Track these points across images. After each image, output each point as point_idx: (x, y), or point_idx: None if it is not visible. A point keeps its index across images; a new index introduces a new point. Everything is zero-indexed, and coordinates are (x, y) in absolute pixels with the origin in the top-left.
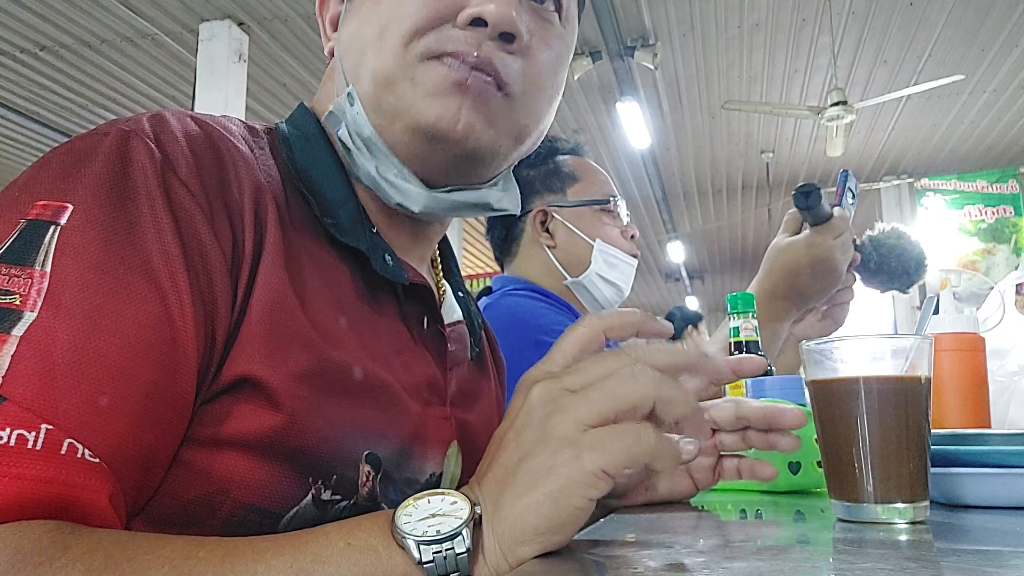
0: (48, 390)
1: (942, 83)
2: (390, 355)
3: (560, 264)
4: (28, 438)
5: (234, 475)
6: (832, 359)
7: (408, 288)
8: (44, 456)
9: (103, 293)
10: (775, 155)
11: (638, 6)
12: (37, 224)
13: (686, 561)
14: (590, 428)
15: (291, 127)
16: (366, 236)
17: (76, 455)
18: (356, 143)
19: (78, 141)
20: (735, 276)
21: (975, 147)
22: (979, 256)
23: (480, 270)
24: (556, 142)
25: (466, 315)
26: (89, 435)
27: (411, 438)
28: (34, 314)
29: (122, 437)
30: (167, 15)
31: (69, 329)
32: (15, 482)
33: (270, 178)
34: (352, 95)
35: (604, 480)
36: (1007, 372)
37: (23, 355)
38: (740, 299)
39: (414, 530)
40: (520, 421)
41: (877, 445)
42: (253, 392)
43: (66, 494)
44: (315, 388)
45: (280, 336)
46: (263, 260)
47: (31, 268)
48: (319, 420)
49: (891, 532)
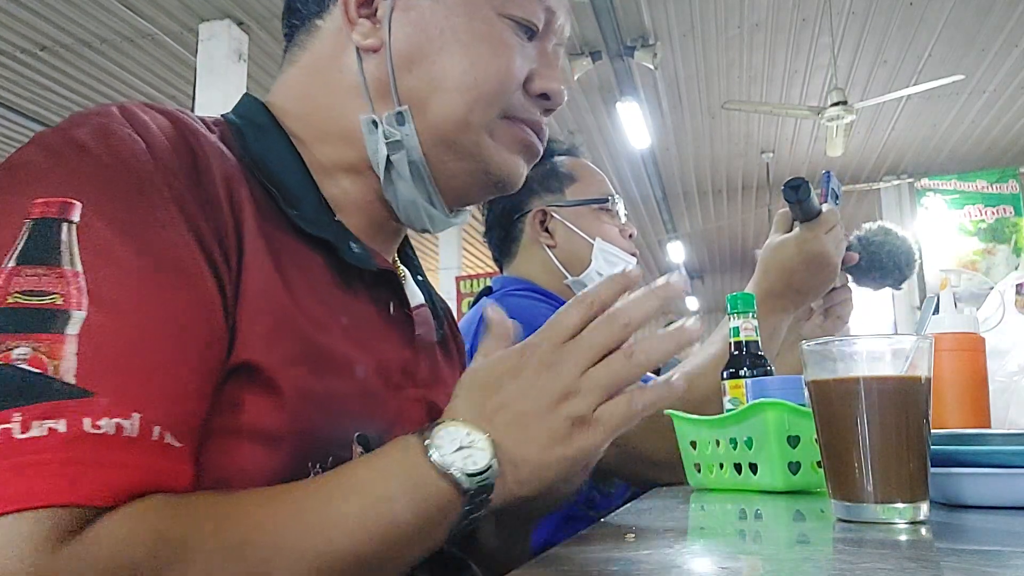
0: (128, 381)
1: (942, 83)
2: (366, 339)
3: (560, 263)
4: (124, 426)
5: (235, 464)
6: (832, 359)
7: (375, 274)
8: (140, 443)
9: (139, 287)
10: (775, 155)
11: (638, 6)
12: (46, 222)
13: (686, 561)
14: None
15: (240, 117)
16: (330, 225)
17: (164, 441)
18: (400, 166)
19: (50, 137)
20: (735, 276)
21: (975, 147)
22: (979, 256)
23: (480, 270)
24: (553, 143)
25: (427, 299)
26: (171, 421)
27: (391, 420)
28: (83, 312)
29: (193, 421)
30: (167, 15)
31: (122, 324)
32: (124, 470)
33: (235, 168)
34: (404, 115)
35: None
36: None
37: (88, 352)
38: (740, 299)
39: (453, 463)
40: (536, 359)
41: (877, 445)
42: (253, 378)
43: (163, 480)
44: (308, 372)
45: (272, 322)
46: (246, 249)
47: (60, 267)
48: (314, 403)
49: (891, 532)
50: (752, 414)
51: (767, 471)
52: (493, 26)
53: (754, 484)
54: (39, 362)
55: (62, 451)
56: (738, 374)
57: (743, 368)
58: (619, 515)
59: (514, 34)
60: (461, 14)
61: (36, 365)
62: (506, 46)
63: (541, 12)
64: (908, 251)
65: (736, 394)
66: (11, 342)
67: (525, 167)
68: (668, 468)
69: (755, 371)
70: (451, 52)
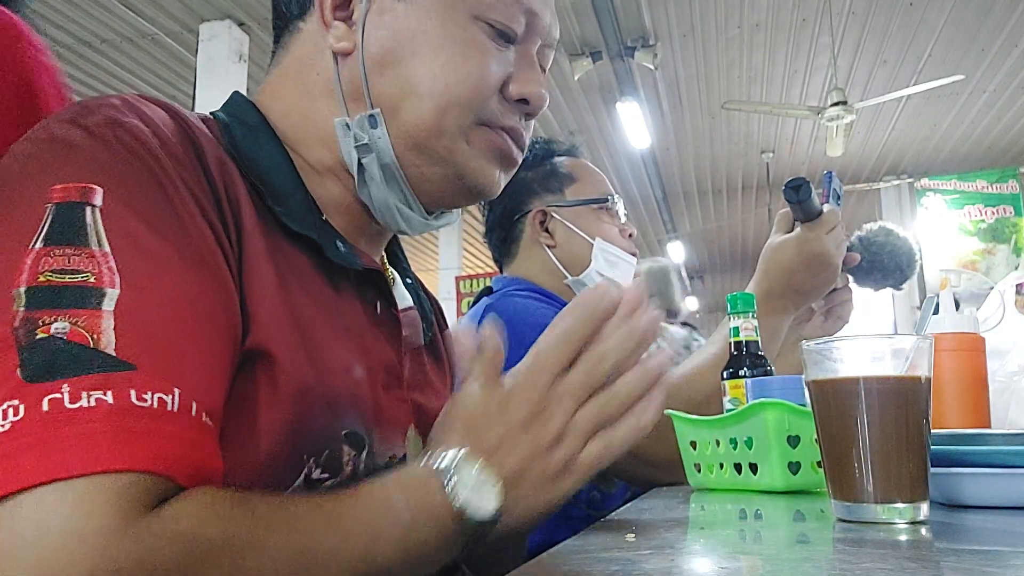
0: (166, 358)
1: (942, 83)
2: (352, 338)
3: (560, 263)
4: (167, 401)
5: (234, 454)
6: (832, 359)
7: (361, 273)
8: (183, 418)
9: (166, 271)
10: (775, 155)
11: (638, 6)
12: (69, 205)
13: (686, 561)
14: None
15: (229, 115)
16: (317, 224)
17: (202, 418)
18: (371, 168)
19: (59, 127)
20: (735, 276)
21: (975, 147)
22: (979, 256)
23: (480, 270)
24: (552, 143)
25: (416, 301)
26: (206, 400)
27: (374, 419)
28: (116, 290)
29: (221, 403)
30: (167, 15)
31: (153, 304)
32: (171, 443)
33: (229, 164)
34: (376, 118)
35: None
36: (1007, 372)
37: (125, 327)
38: (740, 299)
39: (469, 503)
40: (528, 402)
41: (877, 445)
42: (257, 368)
43: (203, 458)
44: (305, 365)
45: (272, 315)
46: (245, 243)
47: (89, 248)
48: (310, 397)
49: (891, 532)
50: (752, 414)
51: (767, 471)
52: (467, 30)
53: (754, 484)
54: (80, 335)
55: (112, 421)
56: (738, 374)
57: (743, 368)
58: (619, 515)
59: (490, 39)
60: (435, 18)
61: (77, 338)
62: (479, 51)
63: (521, 15)
64: (909, 251)
65: (736, 394)
66: (48, 317)
67: (501, 174)
68: (668, 468)
69: (755, 371)
70: (423, 56)
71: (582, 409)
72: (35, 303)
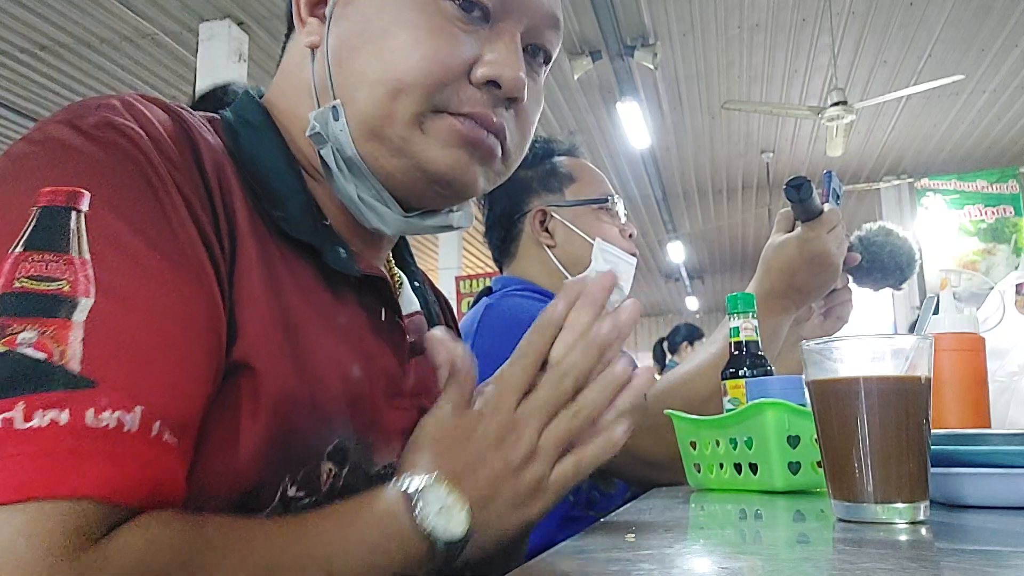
0: (133, 372)
1: (942, 83)
2: (351, 346)
3: (560, 263)
4: (125, 421)
5: (214, 469)
6: (832, 359)
7: (363, 280)
8: (139, 439)
9: (148, 279)
10: (775, 155)
11: (638, 6)
12: (54, 210)
13: (686, 561)
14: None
15: (235, 115)
16: (317, 229)
17: (163, 438)
18: (336, 161)
19: (54, 128)
20: (735, 276)
21: (975, 147)
22: (979, 256)
23: (480, 270)
24: (552, 143)
25: (423, 305)
26: (173, 416)
27: (372, 427)
28: (90, 299)
29: (194, 417)
30: (167, 15)
31: (129, 314)
32: (122, 466)
33: (228, 166)
34: (338, 109)
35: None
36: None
37: (93, 340)
38: (740, 299)
39: (436, 526)
40: (496, 424)
41: (877, 445)
42: (240, 381)
43: (160, 476)
44: (293, 376)
45: (260, 324)
46: (238, 247)
47: (68, 255)
48: (297, 405)
49: (891, 532)
50: (752, 414)
51: (767, 471)
52: (425, 13)
53: (754, 484)
54: (45, 347)
55: (62, 442)
56: (738, 374)
57: (743, 368)
58: (619, 515)
59: (457, 19)
60: (394, 5)
61: (42, 349)
62: (436, 33)
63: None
64: (909, 251)
65: (736, 394)
66: (17, 326)
67: (472, 163)
68: (668, 469)
69: (755, 371)
70: (377, 44)
71: (549, 428)
72: (6, 309)
